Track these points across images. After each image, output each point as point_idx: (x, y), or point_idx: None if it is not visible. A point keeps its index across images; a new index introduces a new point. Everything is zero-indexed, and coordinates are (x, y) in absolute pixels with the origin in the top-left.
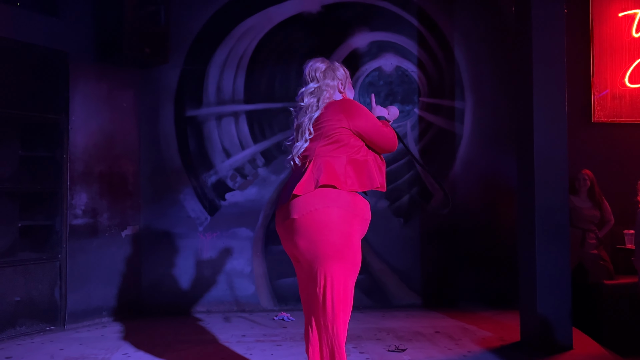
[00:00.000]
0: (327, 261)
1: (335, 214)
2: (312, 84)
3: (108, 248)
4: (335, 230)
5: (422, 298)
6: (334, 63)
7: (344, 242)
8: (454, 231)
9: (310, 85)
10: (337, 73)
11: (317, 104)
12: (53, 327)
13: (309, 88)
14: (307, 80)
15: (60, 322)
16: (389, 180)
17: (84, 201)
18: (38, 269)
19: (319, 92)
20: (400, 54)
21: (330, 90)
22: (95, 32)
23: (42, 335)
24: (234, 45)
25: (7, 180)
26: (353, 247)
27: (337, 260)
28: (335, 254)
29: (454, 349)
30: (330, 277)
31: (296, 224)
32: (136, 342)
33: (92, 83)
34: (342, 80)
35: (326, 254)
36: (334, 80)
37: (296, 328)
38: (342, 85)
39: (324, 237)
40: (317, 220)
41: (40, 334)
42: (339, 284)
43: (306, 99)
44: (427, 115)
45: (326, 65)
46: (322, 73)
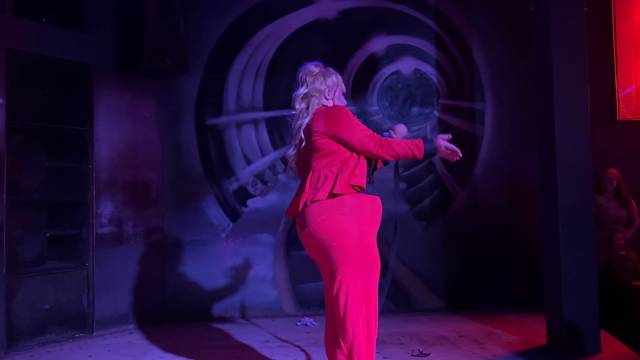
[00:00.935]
0: (341, 265)
1: (344, 220)
2: (301, 88)
3: (133, 256)
4: (346, 236)
5: (445, 302)
6: (328, 69)
7: (355, 245)
8: (477, 234)
9: (300, 90)
10: (328, 79)
11: (307, 110)
12: (81, 334)
13: (299, 93)
14: (298, 83)
15: (89, 329)
16: (409, 183)
17: (109, 210)
18: (66, 277)
19: (308, 97)
20: (418, 56)
21: (318, 95)
22: (117, 45)
23: (71, 342)
24: (252, 54)
25: (36, 191)
26: (365, 248)
27: (351, 263)
28: (349, 257)
29: (478, 353)
30: (347, 281)
31: (311, 234)
32: (163, 348)
33: (114, 94)
34: (330, 87)
35: (339, 258)
36: (322, 85)
37: (319, 333)
38: (329, 92)
39: (336, 244)
40: (328, 228)
41: (69, 341)
42: (355, 287)
43: (297, 104)
44: (447, 117)
45: (318, 70)
46: (313, 77)
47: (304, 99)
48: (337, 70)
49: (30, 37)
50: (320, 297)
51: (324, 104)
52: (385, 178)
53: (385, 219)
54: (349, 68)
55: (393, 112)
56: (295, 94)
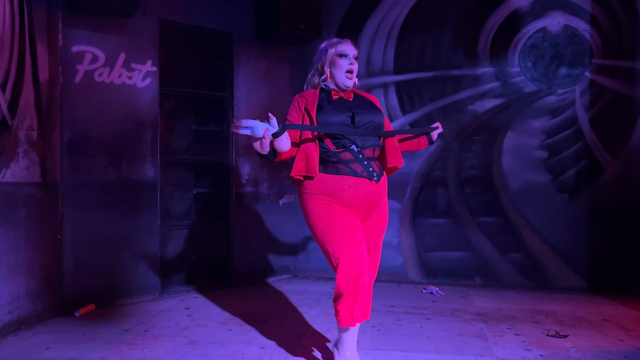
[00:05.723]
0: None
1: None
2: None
3: (268, 215)
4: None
5: (587, 281)
6: (325, 43)
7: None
8: (631, 209)
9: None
10: (314, 57)
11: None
12: (221, 284)
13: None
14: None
15: (228, 280)
16: (551, 152)
17: (247, 171)
18: (209, 232)
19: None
20: (569, 11)
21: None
22: (255, 13)
23: (213, 291)
24: (385, 16)
25: (184, 152)
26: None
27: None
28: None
29: (625, 340)
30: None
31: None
32: (295, 303)
33: (252, 61)
34: (316, 65)
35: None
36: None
37: (446, 303)
38: (316, 70)
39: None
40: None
41: (211, 289)
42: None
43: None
44: (601, 78)
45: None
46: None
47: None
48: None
49: (179, 7)
50: (447, 267)
51: (316, 82)
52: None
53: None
54: (488, 27)
55: (537, 74)
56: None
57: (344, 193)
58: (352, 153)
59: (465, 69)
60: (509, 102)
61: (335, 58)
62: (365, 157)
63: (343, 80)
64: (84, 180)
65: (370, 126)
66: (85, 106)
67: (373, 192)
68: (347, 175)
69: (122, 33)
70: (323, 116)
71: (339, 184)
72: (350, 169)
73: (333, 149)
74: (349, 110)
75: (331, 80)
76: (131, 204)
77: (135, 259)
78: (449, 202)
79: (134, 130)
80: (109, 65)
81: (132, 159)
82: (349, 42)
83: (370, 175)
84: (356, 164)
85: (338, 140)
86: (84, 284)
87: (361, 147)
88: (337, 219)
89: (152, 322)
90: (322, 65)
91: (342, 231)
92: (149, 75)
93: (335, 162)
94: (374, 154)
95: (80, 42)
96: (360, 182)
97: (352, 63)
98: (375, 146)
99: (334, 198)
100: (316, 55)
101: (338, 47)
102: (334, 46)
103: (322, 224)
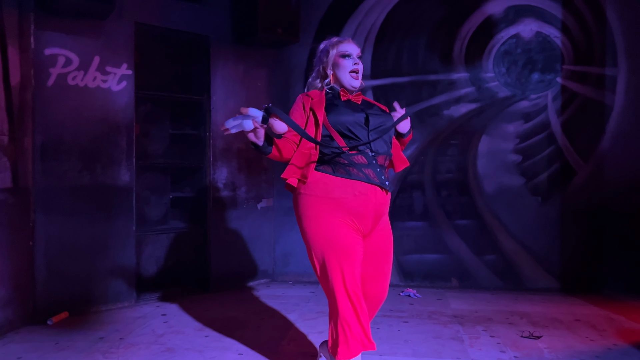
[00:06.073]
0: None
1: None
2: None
3: (245, 219)
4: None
5: (559, 282)
6: (324, 43)
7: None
8: (601, 212)
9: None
10: (314, 59)
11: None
12: (198, 290)
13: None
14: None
15: (205, 285)
16: (525, 156)
17: (224, 175)
18: (186, 237)
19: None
20: (541, 18)
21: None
22: (232, 16)
23: (190, 297)
24: (362, 21)
25: (160, 156)
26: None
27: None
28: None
29: (597, 340)
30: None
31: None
32: (275, 307)
33: (229, 65)
34: (317, 67)
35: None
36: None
37: (423, 305)
38: (318, 73)
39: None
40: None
41: (188, 295)
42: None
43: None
44: (572, 84)
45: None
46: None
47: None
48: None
49: (155, 10)
50: (424, 269)
51: (317, 86)
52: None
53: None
54: (463, 33)
55: (510, 79)
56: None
57: (353, 199)
58: (366, 157)
59: (441, 74)
60: (484, 107)
61: (338, 59)
62: (378, 163)
63: (349, 81)
64: (57, 185)
65: (383, 130)
66: (58, 110)
67: (382, 203)
68: (360, 181)
69: (97, 36)
70: (335, 115)
71: (349, 189)
72: (364, 174)
73: (346, 150)
74: (361, 110)
75: (336, 83)
76: (106, 209)
77: (111, 265)
78: (426, 205)
79: (109, 134)
80: (83, 69)
81: (106, 163)
82: (350, 40)
83: (382, 183)
84: (369, 170)
85: (352, 142)
86: (57, 291)
87: (376, 152)
88: (337, 239)
89: (128, 330)
90: (323, 67)
91: (339, 258)
92: (124, 79)
93: (347, 164)
94: (385, 162)
95: (53, 45)
96: (372, 190)
97: (357, 62)
98: (387, 155)
99: (341, 204)
100: (316, 57)
101: (340, 47)
102: (335, 46)
103: (322, 239)
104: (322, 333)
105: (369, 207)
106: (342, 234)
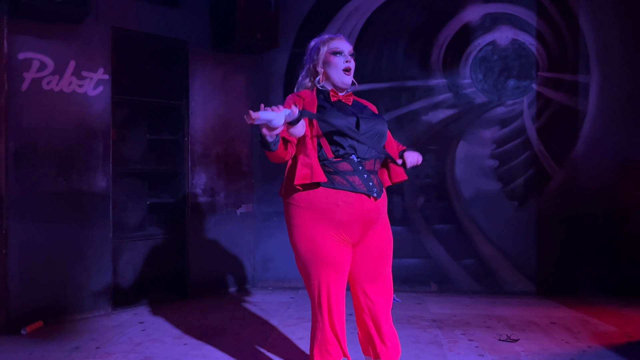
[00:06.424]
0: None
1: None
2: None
3: (225, 225)
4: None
5: (536, 285)
6: (315, 41)
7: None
8: (576, 216)
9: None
10: (304, 57)
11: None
12: (177, 297)
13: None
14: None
15: (184, 292)
16: (501, 161)
17: (203, 181)
18: (164, 243)
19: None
20: (517, 25)
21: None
22: (210, 22)
23: (168, 304)
24: (341, 26)
25: (138, 161)
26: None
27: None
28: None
29: (572, 343)
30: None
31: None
32: (254, 312)
33: (208, 70)
34: (307, 65)
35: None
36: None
37: (402, 310)
38: (308, 71)
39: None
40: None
41: (166, 303)
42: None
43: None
44: (547, 90)
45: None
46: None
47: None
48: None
49: (132, 15)
50: (403, 274)
51: (313, 84)
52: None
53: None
54: (441, 39)
55: (487, 85)
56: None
57: (336, 210)
58: (351, 164)
59: (419, 80)
60: (461, 113)
61: (329, 56)
62: (365, 169)
63: (341, 78)
64: (31, 192)
65: (374, 134)
66: (32, 115)
67: (370, 210)
68: (343, 190)
69: (72, 40)
70: (326, 118)
71: (332, 199)
72: (348, 182)
73: (331, 157)
74: (352, 114)
75: (327, 82)
76: (82, 215)
77: (86, 273)
78: (405, 210)
79: (85, 140)
80: (58, 73)
81: (82, 169)
82: (342, 37)
83: (369, 191)
84: (354, 177)
85: (337, 148)
86: (31, 300)
87: (362, 158)
88: (320, 253)
89: (104, 338)
90: (314, 65)
91: (322, 272)
92: (100, 84)
93: (332, 172)
94: (375, 166)
95: (27, 49)
96: (357, 198)
97: (349, 60)
98: (376, 158)
99: (325, 215)
100: (306, 55)
101: (331, 44)
102: (326, 43)
103: (305, 251)
104: (302, 339)
105: (355, 217)
106: (326, 247)
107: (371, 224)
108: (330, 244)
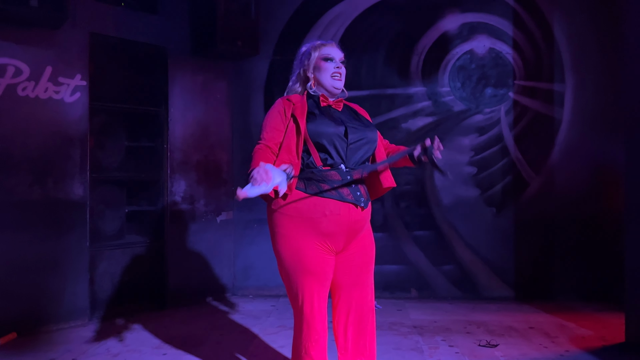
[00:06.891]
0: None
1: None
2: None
3: (204, 233)
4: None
5: (515, 291)
6: (306, 46)
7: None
8: (552, 222)
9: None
10: (295, 62)
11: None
12: (156, 306)
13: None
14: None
15: (163, 301)
16: (480, 168)
17: (182, 188)
18: (143, 252)
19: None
20: (494, 35)
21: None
22: (190, 28)
23: (147, 313)
24: (322, 34)
25: (116, 169)
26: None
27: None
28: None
29: (550, 347)
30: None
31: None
32: (234, 319)
33: (188, 76)
34: (297, 71)
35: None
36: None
37: (383, 316)
38: (298, 77)
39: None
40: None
41: (145, 312)
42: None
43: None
44: (523, 99)
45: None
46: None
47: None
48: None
49: (111, 21)
50: (384, 280)
51: (305, 89)
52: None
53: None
54: (420, 48)
55: (465, 93)
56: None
57: (323, 219)
58: (339, 173)
59: (399, 88)
60: (440, 120)
61: (320, 62)
62: (353, 179)
63: (331, 82)
64: (5, 200)
65: (363, 143)
66: (6, 122)
67: (356, 221)
68: (331, 199)
69: (49, 46)
70: (315, 125)
71: (319, 209)
72: (337, 192)
73: (320, 165)
74: (341, 122)
75: (317, 87)
76: (58, 224)
77: (62, 282)
78: (385, 216)
79: (62, 147)
80: (34, 79)
81: (59, 177)
82: (334, 44)
83: (357, 201)
84: (343, 187)
85: (326, 156)
86: (5, 310)
87: (350, 167)
88: (304, 262)
89: (81, 350)
90: (304, 70)
91: (305, 281)
92: (78, 90)
93: (320, 180)
94: (363, 176)
95: (2, 55)
96: (344, 208)
97: (339, 67)
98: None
99: (311, 224)
100: (296, 60)
101: (322, 50)
102: (317, 49)
103: (289, 260)
104: (283, 347)
105: (342, 227)
106: (311, 257)
107: (356, 232)
108: (314, 254)
